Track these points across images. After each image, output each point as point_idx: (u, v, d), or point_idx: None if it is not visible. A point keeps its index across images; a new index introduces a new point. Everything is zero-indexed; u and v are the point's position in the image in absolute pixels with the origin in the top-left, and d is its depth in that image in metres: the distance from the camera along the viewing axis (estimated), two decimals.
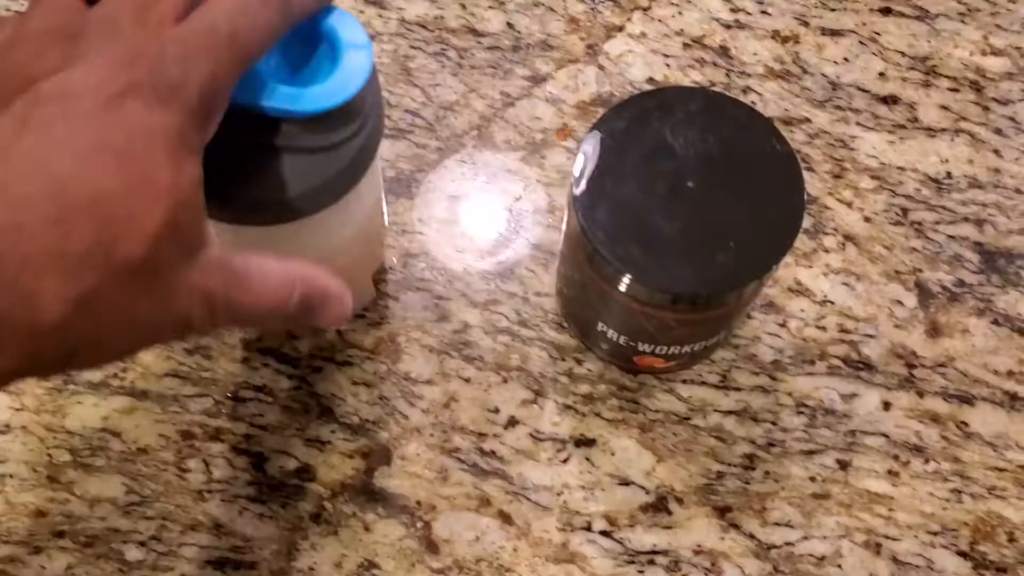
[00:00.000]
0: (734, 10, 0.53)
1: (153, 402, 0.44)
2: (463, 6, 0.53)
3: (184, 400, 0.44)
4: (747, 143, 0.38)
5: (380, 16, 0.52)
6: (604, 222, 0.36)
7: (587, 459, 0.44)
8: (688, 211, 0.37)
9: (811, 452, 0.45)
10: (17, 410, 0.43)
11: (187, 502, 0.42)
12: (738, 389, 0.45)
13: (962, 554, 0.43)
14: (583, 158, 0.37)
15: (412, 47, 0.52)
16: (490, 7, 0.53)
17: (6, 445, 0.43)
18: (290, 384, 0.45)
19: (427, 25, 0.52)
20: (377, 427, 0.44)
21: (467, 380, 0.45)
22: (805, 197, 0.37)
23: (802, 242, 0.48)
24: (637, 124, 0.38)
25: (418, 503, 0.43)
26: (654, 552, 0.43)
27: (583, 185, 0.37)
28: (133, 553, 0.42)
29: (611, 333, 0.41)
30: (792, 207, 0.37)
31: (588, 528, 0.43)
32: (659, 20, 0.53)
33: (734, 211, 0.37)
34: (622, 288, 0.37)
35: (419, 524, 0.43)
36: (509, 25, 0.52)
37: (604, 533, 0.43)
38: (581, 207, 0.37)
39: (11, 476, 0.42)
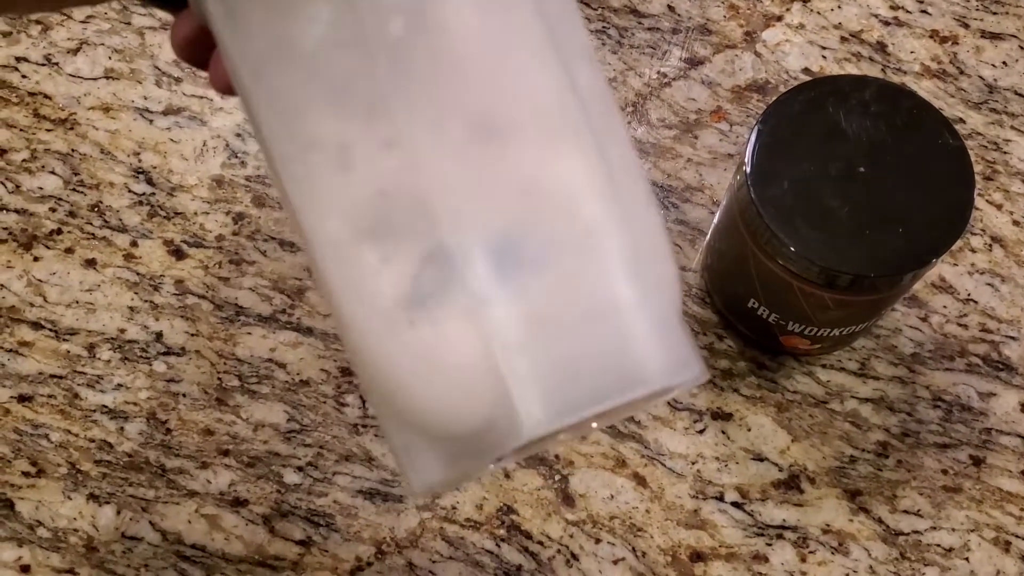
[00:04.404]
0: (894, 7, 0.53)
1: (317, 338, 0.46)
2: None
3: None
4: (919, 134, 0.39)
5: None
6: (775, 198, 0.38)
7: (723, 432, 0.45)
8: (858, 195, 0.38)
9: (945, 446, 0.45)
10: (192, 335, 0.47)
11: (343, 434, 0.45)
12: (876, 378, 0.46)
13: None
14: (757, 135, 0.39)
15: None
16: None
17: (181, 366, 0.46)
18: None
19: (590, 3, 0.54)
20: None
21: None
22: (975, 192, 0.38)
23: None
24: (812, 107, 0.39)
25: (556, 457, 0.45)
26: (783, 527, 0.44)
27: (756, 161, 0.38)
28: (291, 476, 0.44)
29: (762, 310, 0.42)
30: (960, 200, 0.38)
31: (720, 498, 0.44)
32: (818, 12, 0.53)
33: (903, 199, 0.38)
34: (785, 264, 0.38)
35: (556, 477, 0.45)
36: (670, 8, 0.54)
37: (736, 504, 0.44)
38: (754, 182, 0.38)
39: (184, 395, 0.46)
